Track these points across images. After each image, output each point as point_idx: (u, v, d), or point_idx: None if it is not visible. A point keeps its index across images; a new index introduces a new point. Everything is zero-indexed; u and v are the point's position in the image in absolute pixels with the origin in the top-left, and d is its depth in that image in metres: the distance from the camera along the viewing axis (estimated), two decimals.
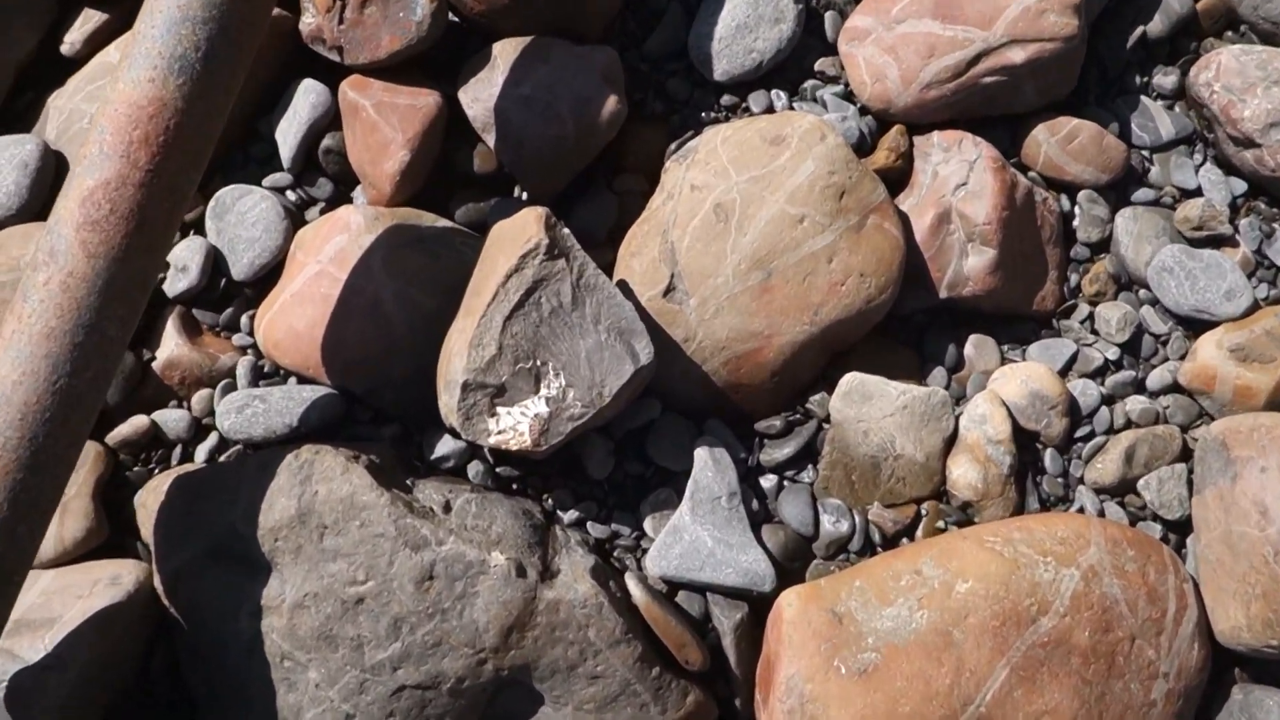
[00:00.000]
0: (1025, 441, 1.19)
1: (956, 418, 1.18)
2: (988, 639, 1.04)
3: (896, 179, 1.24)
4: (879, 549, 1.16)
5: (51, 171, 1.21)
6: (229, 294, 1.21)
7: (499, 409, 1.06)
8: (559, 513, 1.16)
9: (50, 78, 1.28)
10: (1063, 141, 1.25)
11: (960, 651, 1.03)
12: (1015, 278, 1.22)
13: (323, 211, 1.23)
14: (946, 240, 1.21)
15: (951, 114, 1.24)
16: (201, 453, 1.16)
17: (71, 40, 1.24)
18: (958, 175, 1.21)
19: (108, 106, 0.91)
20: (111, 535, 1.14)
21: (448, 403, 1.07)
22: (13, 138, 1.20)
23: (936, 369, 1.23)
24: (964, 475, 1.16)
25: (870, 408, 1.16)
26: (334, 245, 1.15)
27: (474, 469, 1.15)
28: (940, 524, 1.17)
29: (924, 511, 1.18)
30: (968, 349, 1.24)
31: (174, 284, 1.18)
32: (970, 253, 1.20)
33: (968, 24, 1.20)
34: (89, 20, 1.25)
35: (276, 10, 1.21)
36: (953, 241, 1.21)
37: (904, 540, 1.17)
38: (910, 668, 1.03)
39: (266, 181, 1.23)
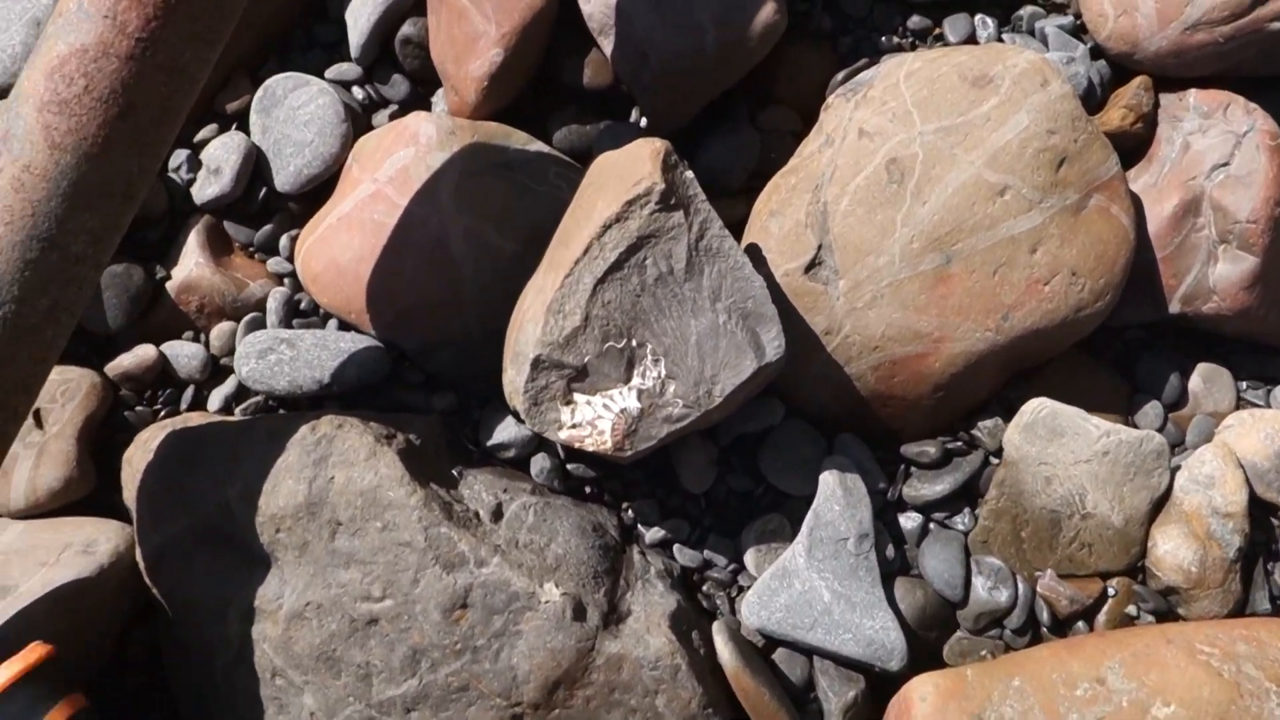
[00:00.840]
0: (1258, 515, 0.90)
1: (1172, 472, 0.90)
2: None
3: (1131, 148, 0.94)
4: (1045, 631, 0.90)
5: None
6: (269, 207, 0.98)
7: (577, 396, 0.82)
8: (640, 528, 0.92)
9: None
10: None
11: None
12: (1275, 297, 0.92)
13: (394, 117, 0.99)
14: (1191, 237, 0.91)
15: (1217, 68, 0.93)
16: (216, 399, 0.95)
17: None
18: (1218, 152, 0.90)
19: None
20: (99, 488, 0.94)
21: (513, 380, 0.83)
22: None
23: (1149, 404, 0.95)
24: (1173, 553, 0.88)
25: (1059, 448, 0.88)
26: (396, 161, 0.91)
27: (539, 463, 0.91)
28: (1131, 610, 0.90)
29: (1112, 591, 0.90)
30: (1194, 381, 0.96)
31: (203, 189, 0.96)
32: (1221, 257, 0.91)
33: None
34: None
35: None
36: (1199, 240, 0.91)
37: (1080, 625, 0.90)
38: None
39: (329, 72, 1.00)
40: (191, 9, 0.68)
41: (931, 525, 0.93)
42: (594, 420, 0.82)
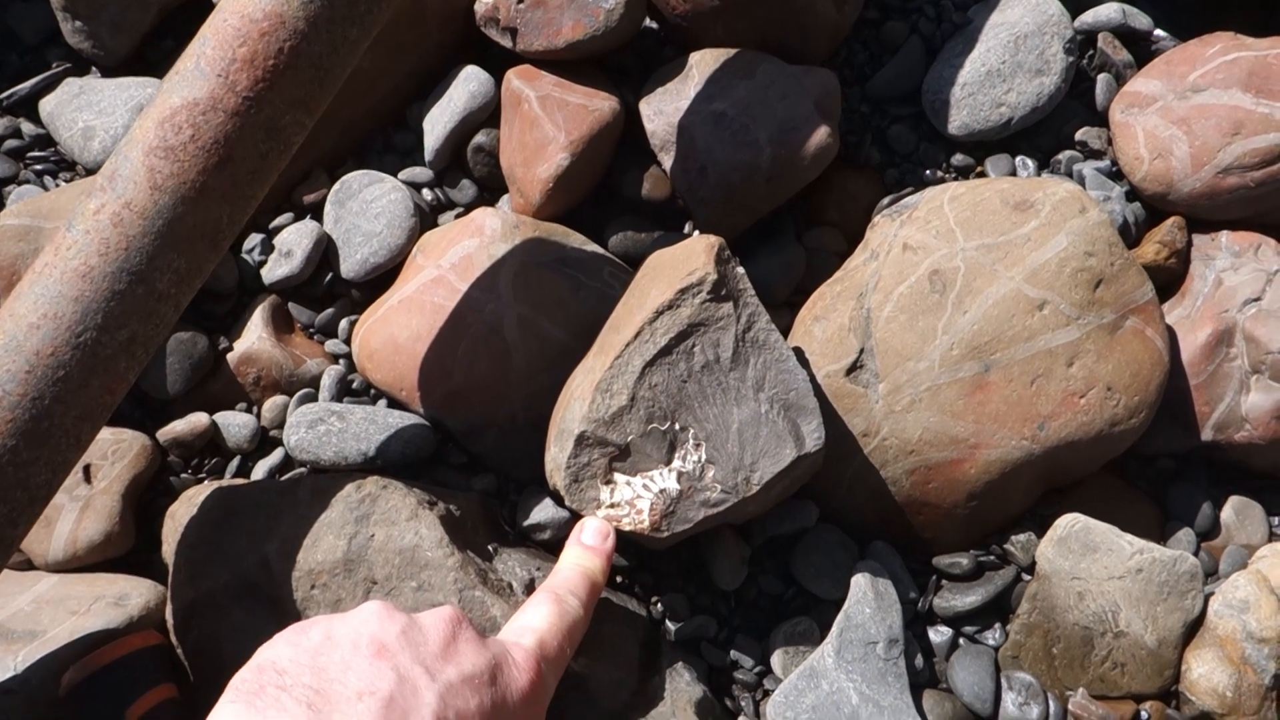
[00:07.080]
0: None
1: (1206, 597, 0.89)
2: None
3: (1165, 284, 0.98)
4: None
5: None
6: (333, 292, 1.03)
7: (617, 475, 0.83)
8: (668, 624, 0.91)
9: (194, 29, 1.14)
10: None
11: None
12: None
13: (459, 218, 1.05)
14: (1223, 367, 0.93)
15: (1247, 211, 0.97)
16: (261, 470, 0.96)
17: None
18: (1250, 287, 0.94)
19: (216, 16, 0.75)
20: (139, 548, 0.95)
21: (555, 457, 0.84)
22: (138, 80, 1.06)
23: (1182, 530, 0.95)
24: (1208, 677, 0.86)
25: (1092, 563, 0.88)
26: (460, 250, 0.96)
27: None
28: None
29: (1145, 714, 0.88)
30: (1226, 513, 0.96)
31: (273, 269, 1.01)
32: (1253, 387, 0.93)
33: None
34: None
35: None
36: (1231, 369, 0.93)
37: None
38: None
39: (402, 174, 1.06)
40: (297, 76, 0.74)
41: (961, 639, 0.92)
42: (633, 500, 0.83)
